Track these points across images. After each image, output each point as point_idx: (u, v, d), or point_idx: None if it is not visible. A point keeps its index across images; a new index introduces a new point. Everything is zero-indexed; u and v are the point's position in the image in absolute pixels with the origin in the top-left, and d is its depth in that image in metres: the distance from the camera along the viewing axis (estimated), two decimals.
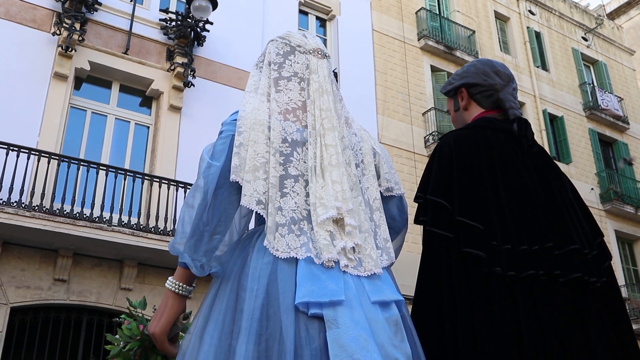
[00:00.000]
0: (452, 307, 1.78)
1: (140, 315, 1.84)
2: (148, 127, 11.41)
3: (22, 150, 9.00)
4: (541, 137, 17.73)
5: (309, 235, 1.65)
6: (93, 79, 11.13)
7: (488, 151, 1.97)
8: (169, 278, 1.73)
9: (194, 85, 11.39)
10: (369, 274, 1.66)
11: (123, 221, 9.35)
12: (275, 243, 1.62)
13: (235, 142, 1.72)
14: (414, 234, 11.14)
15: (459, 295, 1.78)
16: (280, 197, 1.68)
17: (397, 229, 2.01)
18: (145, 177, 10.01)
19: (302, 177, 1.73)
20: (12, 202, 8.67)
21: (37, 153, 9.18)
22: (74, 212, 9.08)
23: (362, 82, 14.55)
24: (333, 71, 12.88)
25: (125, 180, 9.70)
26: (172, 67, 11.41)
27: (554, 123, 18.64)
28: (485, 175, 1.92)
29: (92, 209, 9.22)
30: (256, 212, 1.69)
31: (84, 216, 9.10)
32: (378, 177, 1.90)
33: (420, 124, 15.20)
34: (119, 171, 9.74)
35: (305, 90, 1.84)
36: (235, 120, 1.76)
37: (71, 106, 10.65)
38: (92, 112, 10.95)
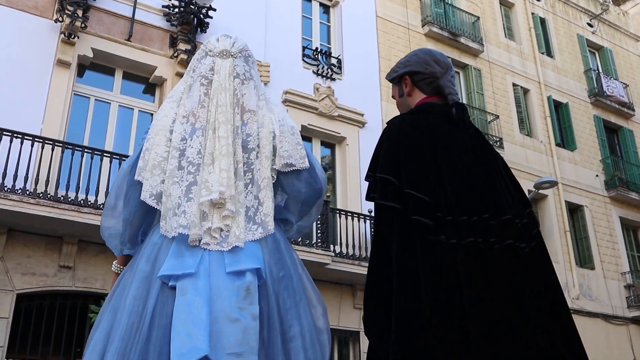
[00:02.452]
0: (396, 270, 1.95)
1: None
2: (152, 114, 11.39)
3: (25, 137, 8.99)
4: (546, 123, 17.65)
5: (184, 209, 2.00)
6: (96, 66, 11.10)
7: (431, 134, 2.17)
8: (113, 262, 2.23)
9: None
10: (230, 248, 1.98)
11: None
12: (166, 226, 1.99)
13: (143, 148, 2.11)
14: None
15: (402, 260, 1.95)
16: (171, 185, 2.02)
17: (307, 200, 2.24)
18: None
19: (192, 166, 2.05)
20: (17, 189, 8.68)
21: (41, 140, 9.17)
22: (79, 199, 9.08)
23: (365, 69, 14.47)
24: (331, 54, 12.69)
25: None
26: (176, 54, 11.37)
27: (559, 110, 18.55)
28: (428, 155, 2.12)
29: (96, 196, 9.22)
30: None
31: (89, 203, 9.11)
32: (277, 156, 2.17)
33: None
34: (123, 158, 9.72)
35: (207, 88, 2.16)
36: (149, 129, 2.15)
37: (74, 93, 10.63)
38: (96, 100, 10.93)
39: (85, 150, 9.51)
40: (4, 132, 8.85)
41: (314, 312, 2.12)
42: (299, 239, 10.49)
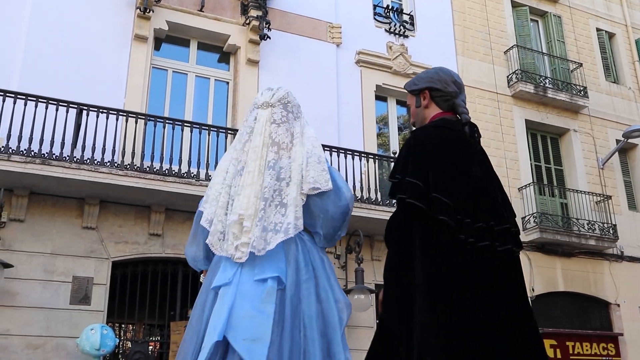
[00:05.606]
0: (422, 261, 2.38)
1: None
2: (227, 83, 11.56)
3: (110, 112, 9.33)
4: (634, 68, 16.70)
5: (226, 237, 2.60)
6: (171, 38, 11.32)
7: (450, 147, 2.55)
8: (201, 275, 2.88)
9: (270, 38, 11.38)
10: (257, 257, 2.54)
11: (210, 175, 9.58)
12: (213, 241, 2.64)
13: (209, 186, 2.82)
14: None
15: (428, 253, 2.38)
16: (222, 215, 2.65)
17: (333, 216, 2.71)
18: (228, 132, 10.18)
19: (232, 201, 2.65)
20: (106, 162, 9.05)
21: (125, 114, 9.49)
22: (163, 169, 9.38)
23: (439, 24, 14.09)
24: (400, 14, 12.36)
25: (209, 135, 9.90)
26: (247, 21, 11.43)
27: None
28: (450, 165, 2.50)
29: (179, 165, 9.49)
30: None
31: (173, 172, 9.39)
32: (303, 183, 2.66)
33: (502, 63, 14.63)
34: (203, 127, 9.95)
35: (250, 135, 2.74)
36: None
37: (153, 66, 10.91)
38: (173, 71, 11.18)
39: (167, 121, 9.77)
40: (91, 108, 9.21)
41: (336, 305, 2.64)
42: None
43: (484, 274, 2.40)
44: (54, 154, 8.79)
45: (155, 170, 9.31)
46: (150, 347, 10.59)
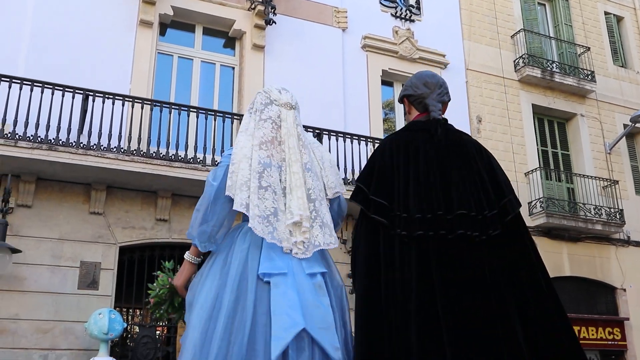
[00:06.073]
0: (361, 253, 2.62)
1: (169, 271, 3.05)
2: (233, 68, 11.54)
3: (116, 97, 9.34)
4: None
5: (274, 227, 2.60)
6: (177, 23, 11.29)
7: (406, 150, 2.69)
8: (187, 252, 2.82)
9: (275, 23, 11.32)
10: (309, 256, 2.63)
11: (216, 161, 9.58)
12: (254, 224, 2.57)
13: (229, 170, 2.68)
14: None
15: (361, 248, 2.61)
16: (257, 200, 2.63)
17: (336, 221, 2.90)
18: (235, 117, 10.18)
19: (271, 188, 2.66)
20: (112, 148, 9.07)
21: (131, 100, 9.50)
22: (170, 155, 9.40)
23: (446, 8, 13.99)
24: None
25: (215, 120, 9.91)
26: (253, 6, 11.38)
27: None
28: (400, 168, 2.65)
29: (186, 150, 9.50)
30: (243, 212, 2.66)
31: (179, 158, 9.41)
32: (326, 188, 2.83)
33: (509, 47, 14.53)
34: (209, 112, 9.95)
35: (275, 129, 2.77)
36: (230, 155, 2.73)
37: (158, 52, 10.89)
38: (179, 57, 11.17)
39: (173, 106, 9.78)
40: (97, 94, 9.22)
41: (346, 299, 2.77)
42: None
43: (423, 264, 2.45)
44: (61, 140, 8.81)
45: (161, 155, 9.33)
46: (158, 332, 10.67)
